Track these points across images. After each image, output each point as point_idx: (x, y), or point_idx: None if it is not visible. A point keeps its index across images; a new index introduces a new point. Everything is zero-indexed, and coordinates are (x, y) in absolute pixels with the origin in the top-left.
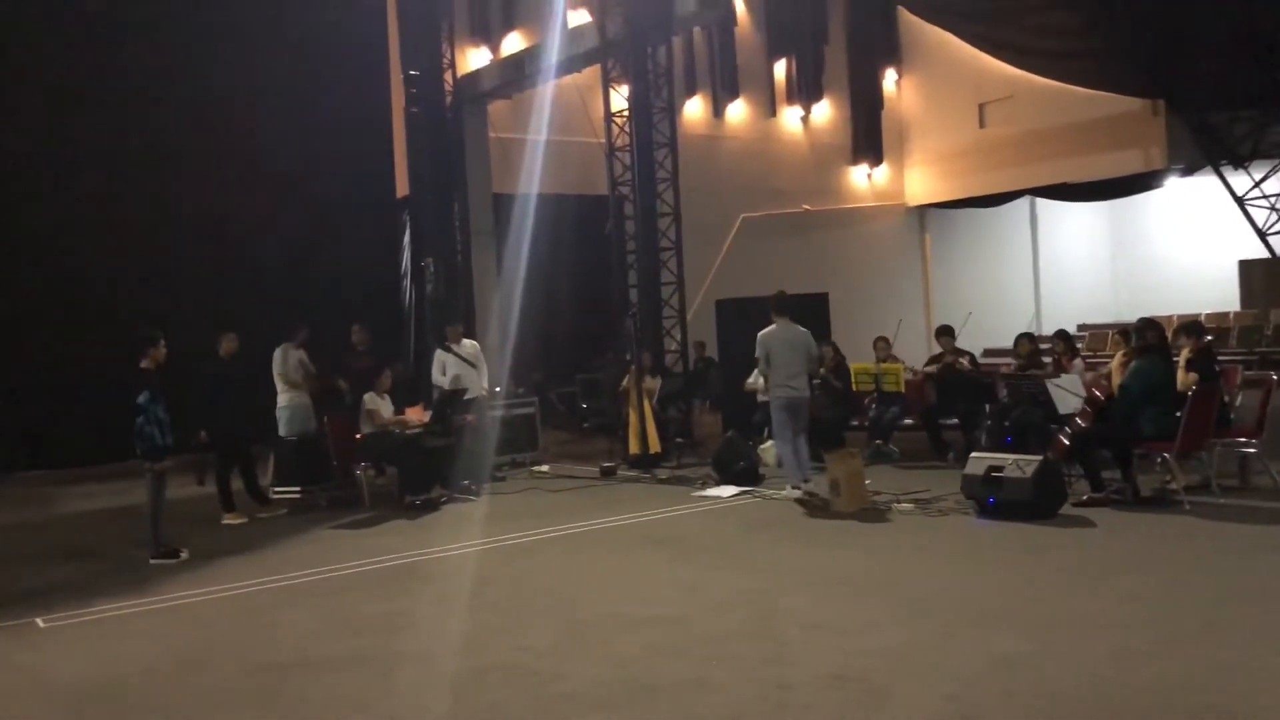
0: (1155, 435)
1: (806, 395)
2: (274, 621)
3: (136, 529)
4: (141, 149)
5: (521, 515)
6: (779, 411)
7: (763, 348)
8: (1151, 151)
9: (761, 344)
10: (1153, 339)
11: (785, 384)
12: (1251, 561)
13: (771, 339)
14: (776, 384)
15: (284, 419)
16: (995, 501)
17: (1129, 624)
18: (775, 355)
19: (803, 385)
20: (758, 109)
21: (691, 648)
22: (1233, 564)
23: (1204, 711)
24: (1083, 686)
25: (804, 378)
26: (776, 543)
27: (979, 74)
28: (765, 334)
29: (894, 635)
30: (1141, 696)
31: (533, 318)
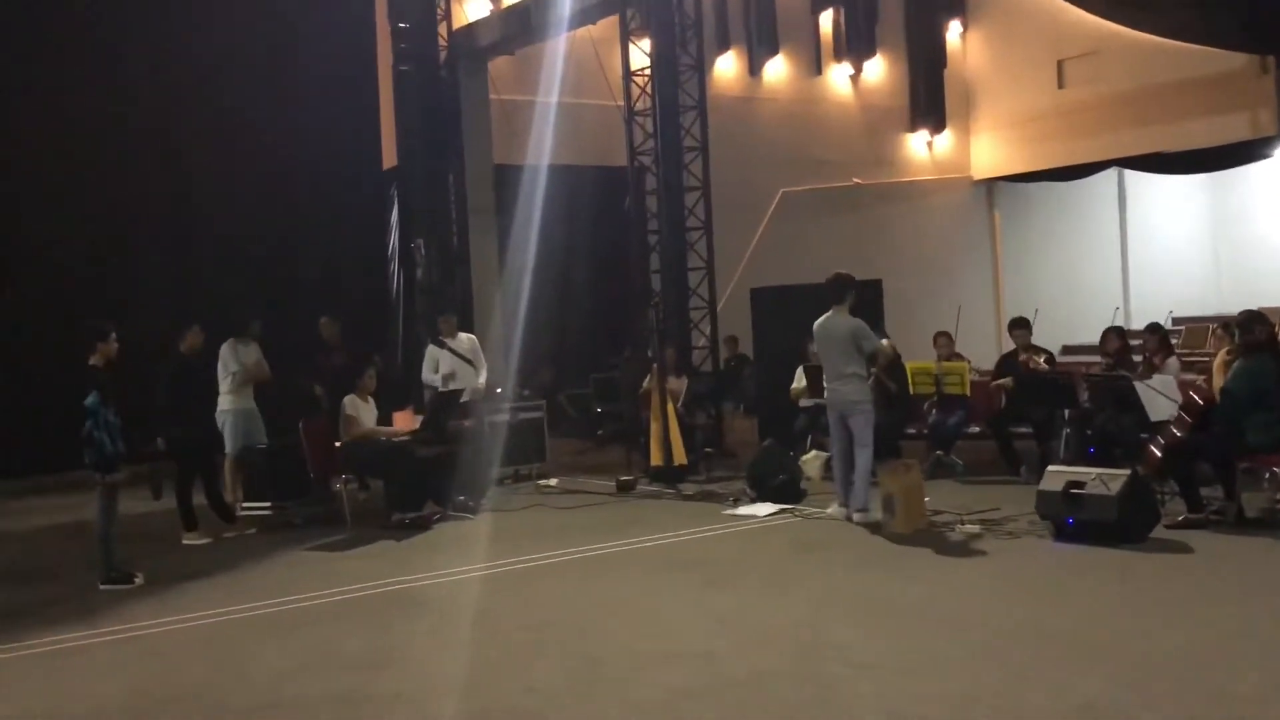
0: (1263, 446)
1: (849, 397)
2: (242, 657)
3: (86, 549)
4: (97, 110)
5: (526, 536)
6: (828, 413)
7: (814, 340)
8: (1260, 115)
9: (814, 335)
10: (1261, 335)
11: (827, 386)
12: None
13: (817, 330)
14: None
15: (225, 427)
16: (1075, 522)
17: (1233, 664)
18: (819, 351)
19: (843, 387)
20: (801, 67)
21: (722, 690)
22: None
23: None
24: None
25: (848, 378)
26: (821, 568)
27: (1057, 26)
28: (815, 324)
29: (957, 677)
30: None
31: (541, 308)
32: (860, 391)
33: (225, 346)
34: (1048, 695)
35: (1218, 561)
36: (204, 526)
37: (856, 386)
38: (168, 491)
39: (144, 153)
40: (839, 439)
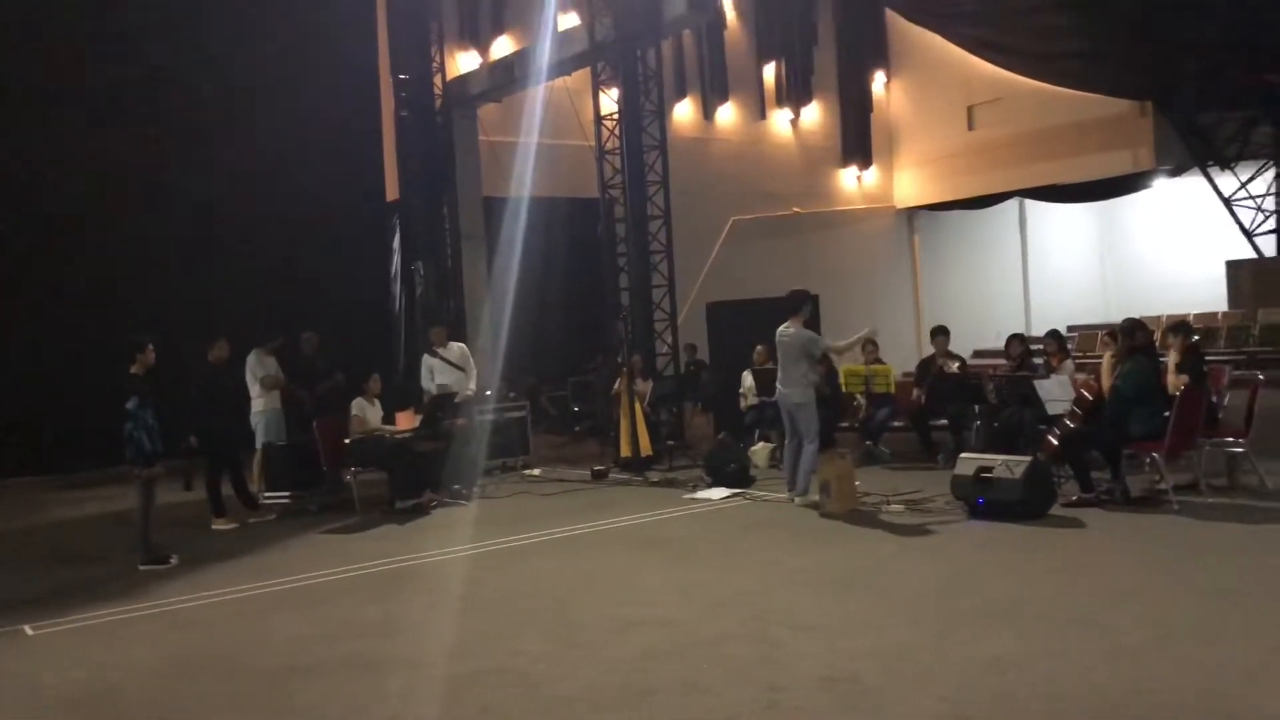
0: (1144, 435)
1: (796, 399)
2: (265, 627)
3: (127, 535)
4: (131, 152)
5: (512, 519)
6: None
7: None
8: (1140, 152)
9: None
10: (1141, 340)
11: (780, 384)
12: (1240, 561)
13: (777, 339)
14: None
15: (259, 426)
16: (985, 502)
17: (1121, 624)
18: (780, 357)
19: (790, 388)
20: (747, 111)
21: (684, 650)
22: (1222, 563)
23: (1195, 710)
24: (1076, 687)
25: (796, 381)
26: (768, 545)
27: (967, 76)
28: (776, 332)
29: (886, 636)
30: (1134, 696)
31: (524, 321)
32: (805, 394)
33: (251, 356)
34: (964, 650)
35: (1107, 535)
36: (231, 514)
37: (803, 390)
38: (198, 483)
39: (176, 190)
40: (790, 433)
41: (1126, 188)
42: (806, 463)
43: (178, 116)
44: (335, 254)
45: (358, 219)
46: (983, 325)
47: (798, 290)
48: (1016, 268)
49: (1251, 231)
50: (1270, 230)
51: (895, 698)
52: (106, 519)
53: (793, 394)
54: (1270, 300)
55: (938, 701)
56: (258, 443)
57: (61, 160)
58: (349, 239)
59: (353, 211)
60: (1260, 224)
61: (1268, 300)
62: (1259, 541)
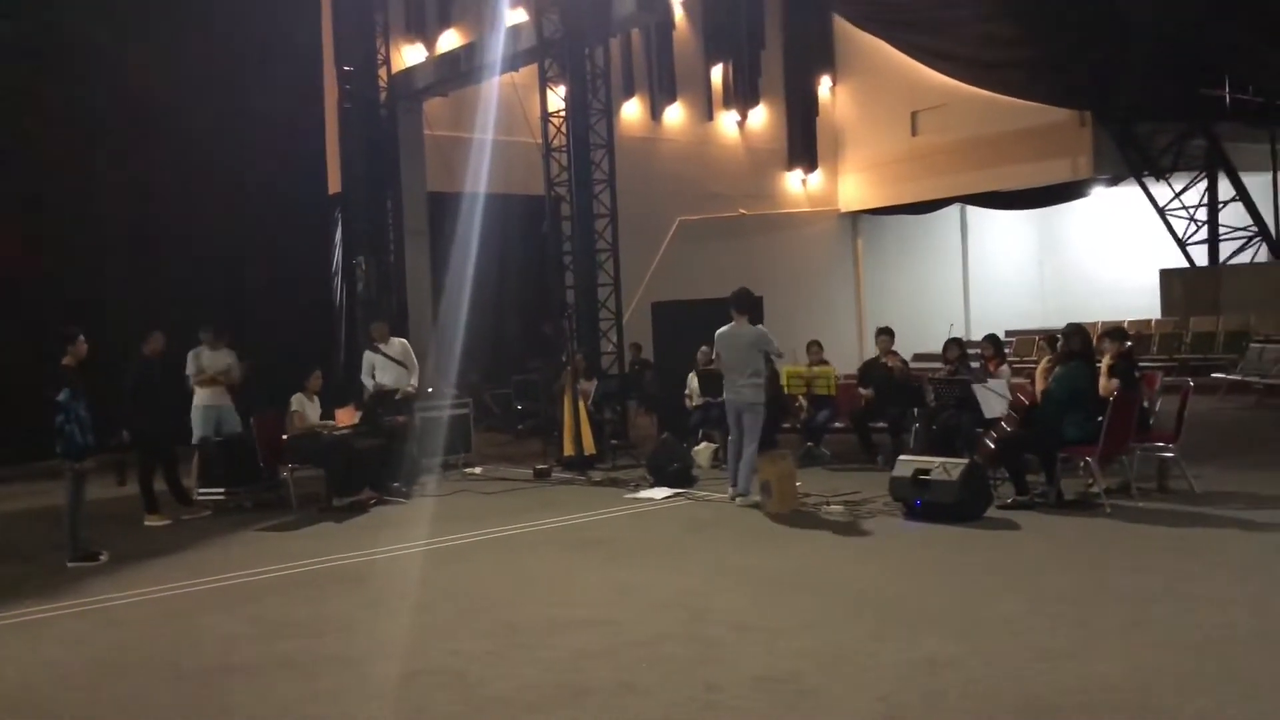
0: (1078, 440)
1: (747, 398)
2: (197, 626)
3: (54, 531)
4: (65, 139)
5: (453, 518)
6: (727, 409)
7: (716, 348)
8: (1079, 161)
9: (715, 344)
10: (1077, 345)
11: (728, 387)
12: (1169, 563)
13: (718, 340)
14: (725, 387)
15: (195, 422)
16: (922, 504)
17: (1053, 624)
18: (722, 356)
19: (743, 389)
20: (695, 112)
21: (622, 650)
22: (1151, 565)
23: (1123, 710)
24: (1008, 686)
25: (747, 381)
26: (709, 544)
27: (912, 82)
28: (717, 333)
29: (823, 636)
30: (1065, 695)
31: (469, 318)
32: (757, 394)
33: (190, 353)
34: (899, 650)
35: (1042, 537)
36: (164, 509)
37: (755, 389)
38: (131, 478)
39: (114, 179)
40: (736, 432)
41: (1065, 196)
42: (747, 462)
43: (117, 104)
44: (276, 246)
45: (299, 212)
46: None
47: (745, 289)
48: (957, 272)
49: (1185, 241)
50: (1202, 240)
51: (832, 698)
52: (33, 514)
53: (745, 394)
54: (1201, 308)
55: (874, 701)
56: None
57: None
58: (290, 231)
59: (294, 204)
60: (1193, 234)
61: (1198, 308)
62: (1188, 544)
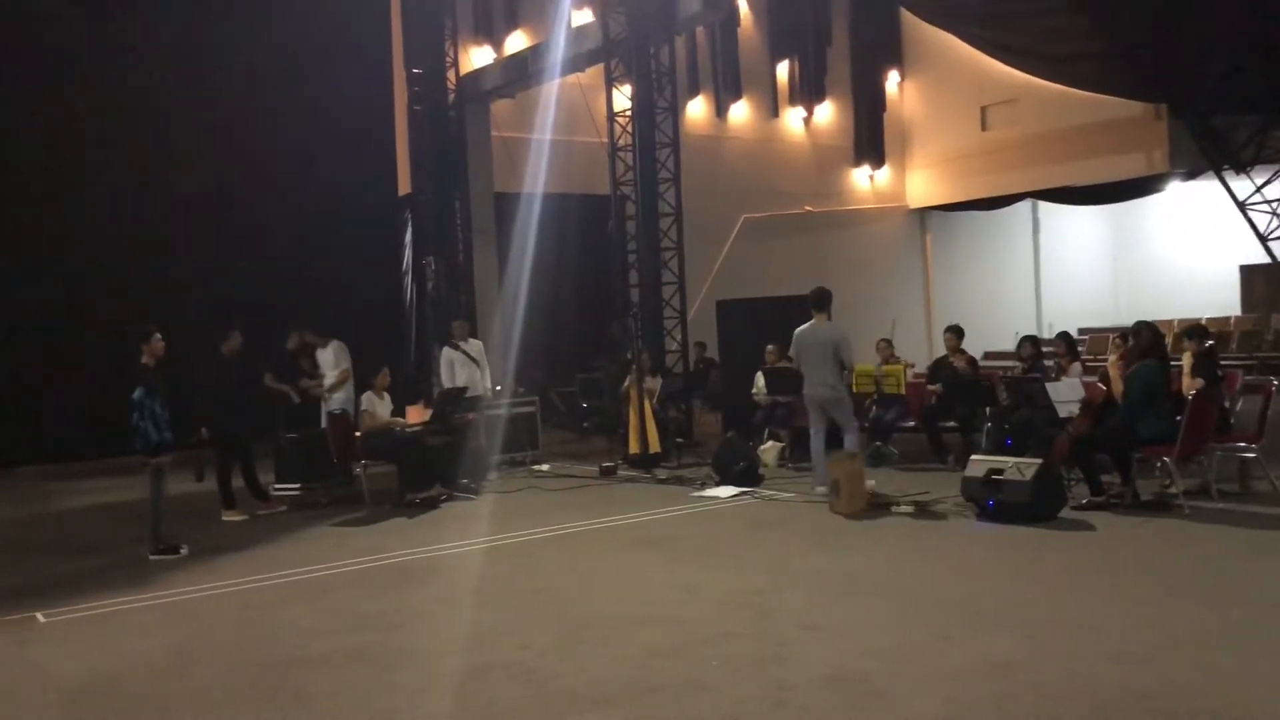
0: (1155, 439)
1: (829, 395)
2: (274, 618)
3: (137, 525)
4: (144, 146)
5: (521, 514)
6: (808, 407)
7: (794, 346)
8: (1154, 155)
9: (793, 342)
10: (1146, 341)
11: (809, 383)
12: (1250, 566)
13: (798, 338)
14: (805, 384)
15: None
16: (994, 504)
17: (1127, 628)
18: (799, 354)
19: (822, 383)
20: (760, 110)
21: (690, 648)
22: (1231, 569)
23: (1200, 716)
24: (1080, 690)
25: (828, 376)
26: (776, 544)
27: (981, 77)
28: (796, 332)
29: (892, 637)
30: (1139, 701)
31: (535, 317)
32: (839, 388)
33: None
34: (969, 652)
35: (1117, 539)
36: (241, 505)
37: (836, 383)
38: (210, 475)
39: (189, 183)
40: (820, 428)
41: (1140, 190)
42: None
43: (191, 110)
44: (348, 248)
45: (370, 213)
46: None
47: (823, 288)
48: (1029, 269)
49: (1266, 236)
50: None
51: (901, 698)
52: (116, 509)
53: (825, 390)
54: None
55: (942, 703)
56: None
57: (74, 152)
58: (361, 233)
59: (365, 205)
60: (1275, 229)
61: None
62: (1269, 547)
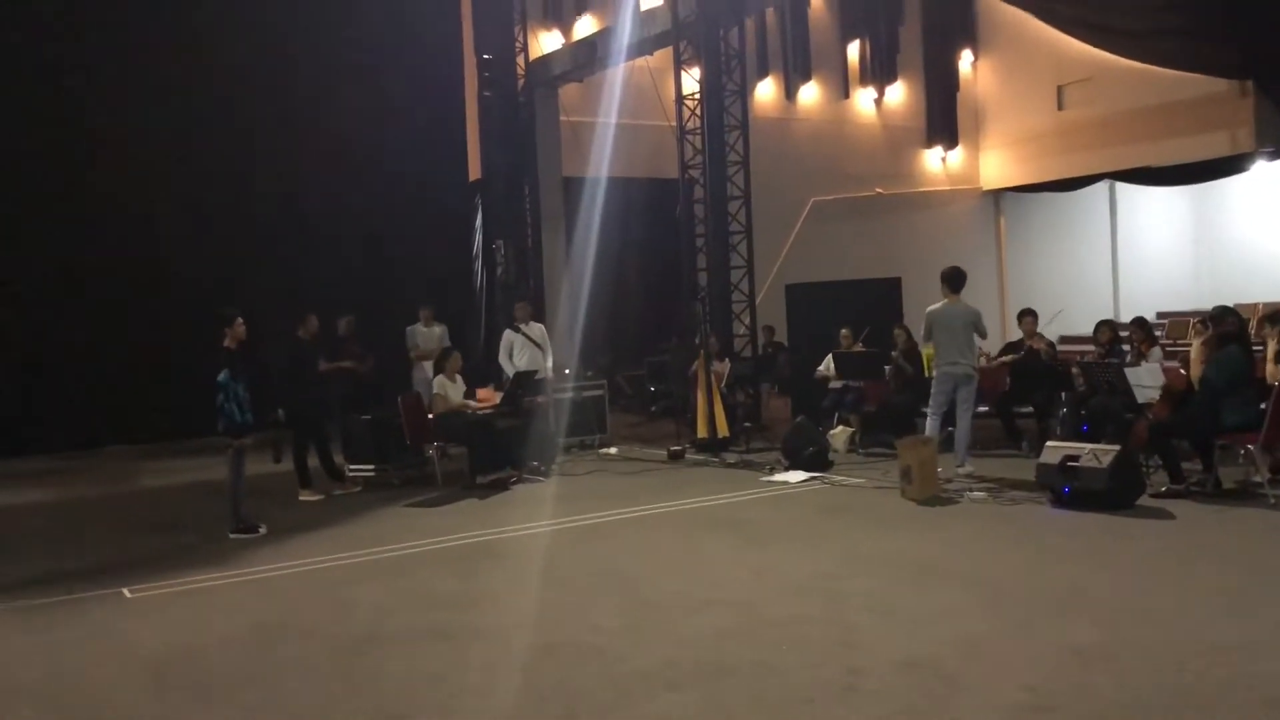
0: (1239, 426)
1: (966, 372)
2: (350, 596)
3: (217, 504)
4: (222, 133)
5: (590, 497)
6: (937, 385)
7: (926, 324)
8: (1239, 134)
9: (926, 320)
10: (1231, 327)
11: (948, 361)
12: None
13: (933, 317)
14: (939, 361)
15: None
16: (1070, 491)
17: (1209, 618)
18: (935, 334)
19: (961, 360)
20: (830, 91)
21: (760, 631)
22: None
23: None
24: (1161, 680)
25: (964, 355)
26: (846, 529)
27: (1057, 55)
28: (930, 311)
29: (966, 623)
30: (1221, 691)
31: (602, 301)
32: (973, 367)
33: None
34: (1044, 640)
35: (1197, 527)
36: (317, 485)
37: (972, 360)
38: (287, 456)
39: (265, 170)
40: (944, 407)
41: (1223, 170)
42: (964, 433)
43: (267, 101)
44: (419, 233)
45: (441, 198)
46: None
47: (958, 268)
48: (1106, 252)
49: None
50: None
51: (977, 685)
52: (198, 488)
53: (963, 367)
54: None
55: (1020, 690)
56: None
57: (157, 144)
58: (432, 218)
59: (436, 191)
60: None
61: None
62: None
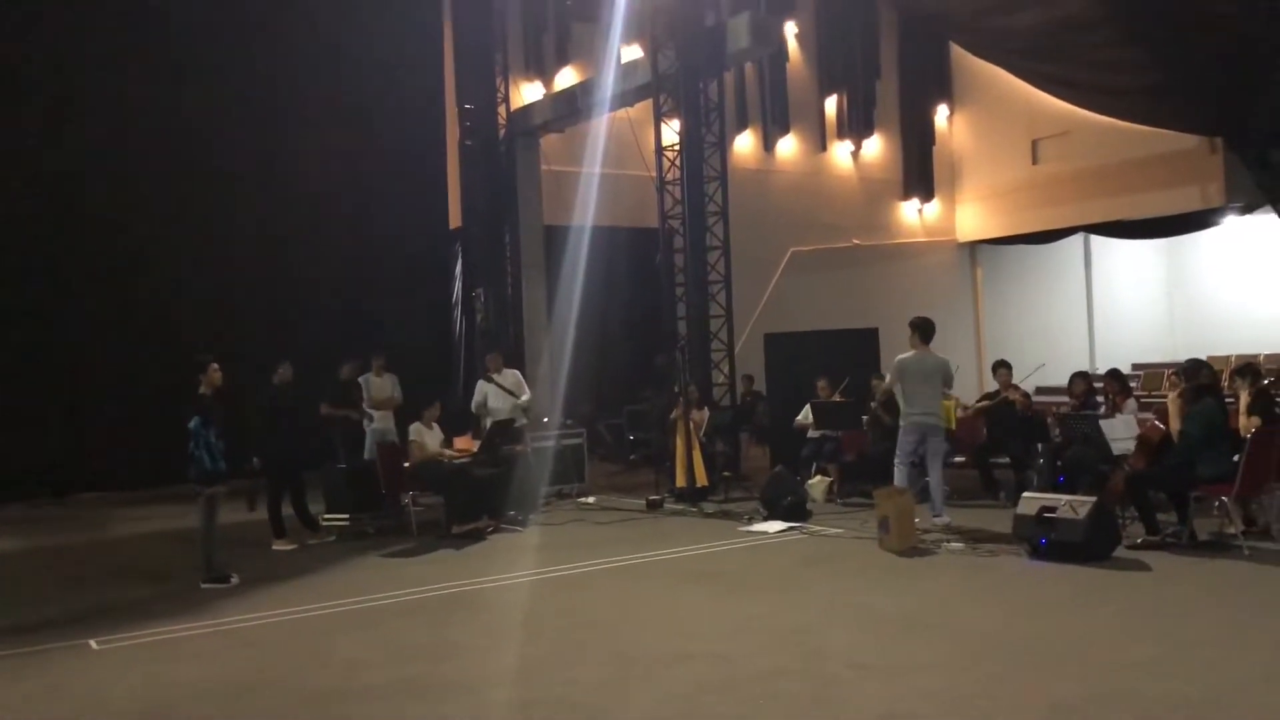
0: (1213, 478)
1: (935, 423)
2: (323, 648)
3: (190, 553)
4: (202, 179)
5: (568, 547)
6: (904, 435)
7: (896, 372)
8: (1209, 189)
9: (895, 368)
10: (1206, 380)
11: (917, 411)
12: None
13: (904, 365)
14: (907, 411)
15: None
16: (1047, 542)
17: (1188, 671)
18: (906, 383)
19: (930, 411)
20: (808, 144)
21: (739, 685)
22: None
23: None
24: None
25: (935, 404)
26: (824, 580)
27: (1032, 110)
28: (901, 359)
29: (945, 678)
30: None
31: (583, 349)
32: (941, 417)
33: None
34: (1023, 696)
35: (1173, 579)
36: (291, 535)
37: (940, 411)
38: (261, 504)
39: (244, 216)
40: (911, 456)
41: (1195, 225)
42: (938, 485)
43: (244, 146)
44: (398, 280)
45: (421, 246)
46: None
47: (927, 318)
48: (1081, 304)
49: None
50: None
51: None
52: (169, 536)
53: (932, 418)
54: None
55: None
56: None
57: (130, 187)
58: (412, 265)
59: (416, 238)
60: None
61: None
62: None
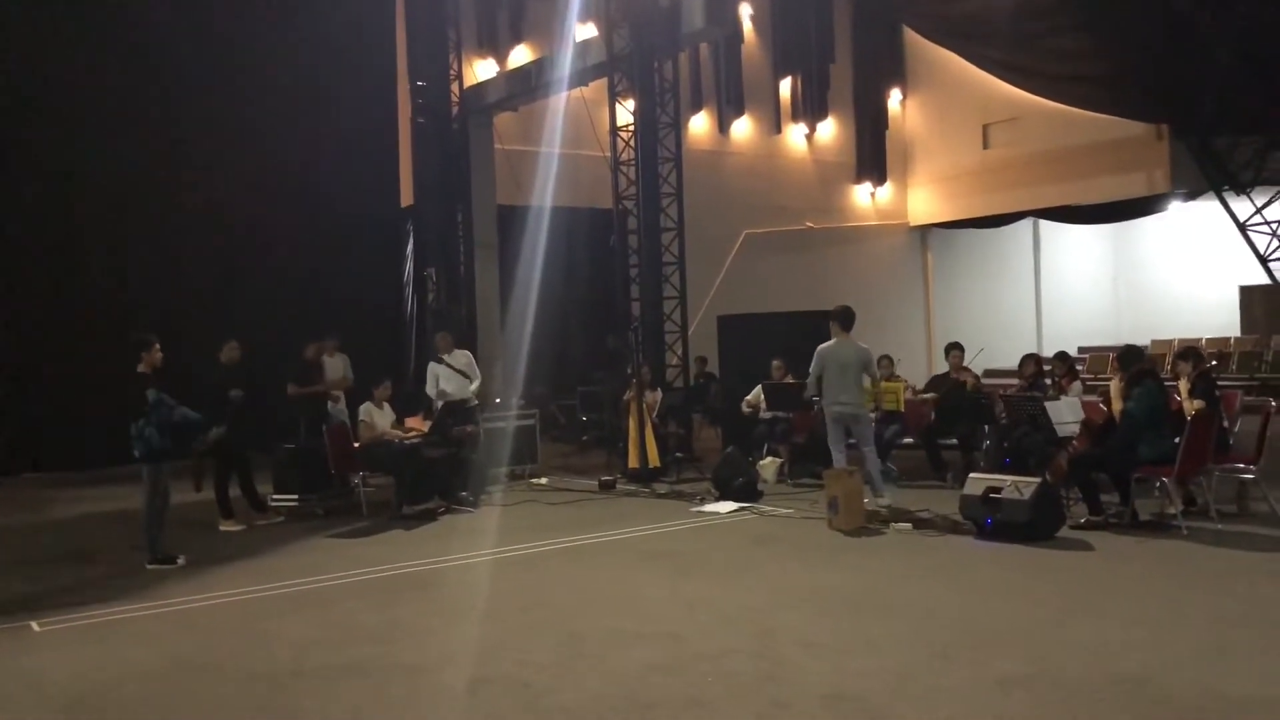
0: (1154, 460)
1: (854, 412)
2: (271, 629)
3: (134, 533)
4: (149, 155)
5: (519, 528)
6: (830, 423)
7: (817, 363)
8: (1155, 175)
9: (816, 359)
10: (1145, 363)
11: (835, 401)
12: (1248, 587)
13: (825, 355)
14: (827, 400)
15: None
16: (993, 522)
17: (1127, 648)
18: (827, 372)
19: (849, 400)
20: (763, 126)
21: (688, 665)
22: (1230, 589)
23: None
24: (1080, 710)
25: (854, 393)
26: (774, 560)
27: (984, 95)
28: (821, 349)
29: (892, 656)
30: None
31: (538, 330)
32: (862, 405)
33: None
34: (969, 671)
35: (1115, 558)
36: (238, 515)
37: (860, 400)
38: (207, 484)
39: (193, 194)
40: (842, 444)
41: (1141, 210)
42: (873, 466)
43: (194, 120)
44: (349, 258)
45: (372, 224)
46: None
47: (848, 307)
48: (1029, 287)
49: (1266, 257)
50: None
51: (900, 718)
52: (113, 517)
53: (851, 408)
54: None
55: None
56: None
57: (75, 163)
58: (363, 244)
59: (367, 217)
60: (1275, 250)
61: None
62: (1267, 568)
